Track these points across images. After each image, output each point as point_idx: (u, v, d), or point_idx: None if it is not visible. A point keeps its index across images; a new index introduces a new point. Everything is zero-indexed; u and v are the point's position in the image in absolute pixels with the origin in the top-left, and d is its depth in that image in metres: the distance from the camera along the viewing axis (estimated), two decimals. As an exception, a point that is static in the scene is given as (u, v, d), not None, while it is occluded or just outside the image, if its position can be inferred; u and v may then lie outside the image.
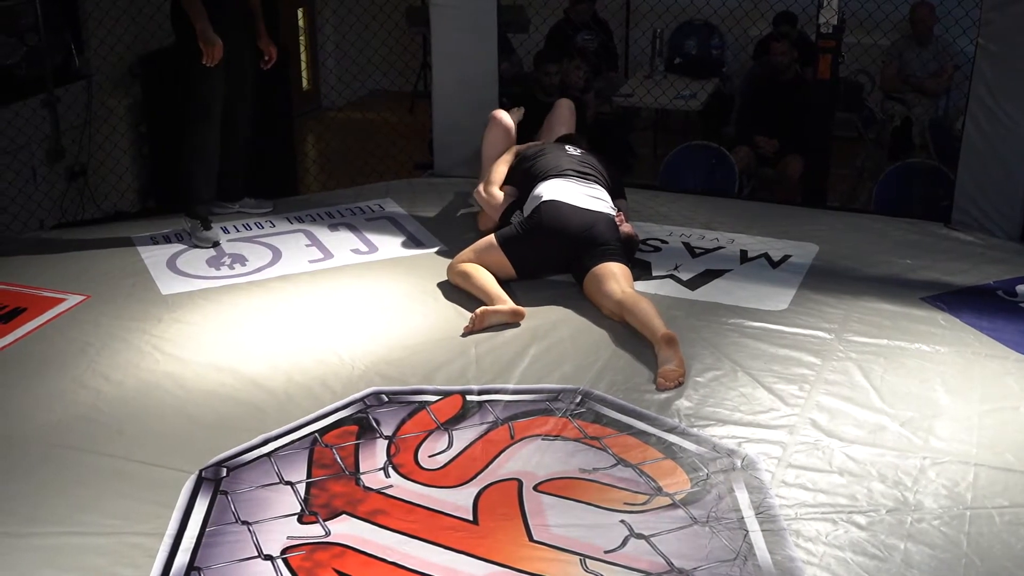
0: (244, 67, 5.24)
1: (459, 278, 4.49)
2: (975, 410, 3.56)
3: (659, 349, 3.85)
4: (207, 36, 4.91)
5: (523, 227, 4.56)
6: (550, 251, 4.50)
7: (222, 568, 2.84)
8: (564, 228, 4.45)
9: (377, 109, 8.23)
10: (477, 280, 4.40)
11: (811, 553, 2.86)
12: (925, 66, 7.36)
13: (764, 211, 5.55)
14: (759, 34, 7.99)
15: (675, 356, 3.80)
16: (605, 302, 4.24)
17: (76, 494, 3.17)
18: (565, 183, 4.62)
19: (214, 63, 4.95)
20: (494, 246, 4.52)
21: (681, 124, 8.36)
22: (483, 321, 4.15)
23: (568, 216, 4.47)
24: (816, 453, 3.31)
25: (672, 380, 3.72)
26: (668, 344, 3.83)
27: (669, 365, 3.77)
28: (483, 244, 4.56)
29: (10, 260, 4.96)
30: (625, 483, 3.17)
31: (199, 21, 4.90)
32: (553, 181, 4.63)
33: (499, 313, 4.19)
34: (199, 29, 4.90)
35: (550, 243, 4.48)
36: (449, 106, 5.89)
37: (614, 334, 4.11)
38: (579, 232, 4.43)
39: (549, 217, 4.48)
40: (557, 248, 4.47)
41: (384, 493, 3.15)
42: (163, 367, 3.94)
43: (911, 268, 4.72)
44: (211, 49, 4.92)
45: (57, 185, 6.34)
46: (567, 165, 4.74)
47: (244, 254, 4.98)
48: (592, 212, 4.50)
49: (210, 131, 5.15)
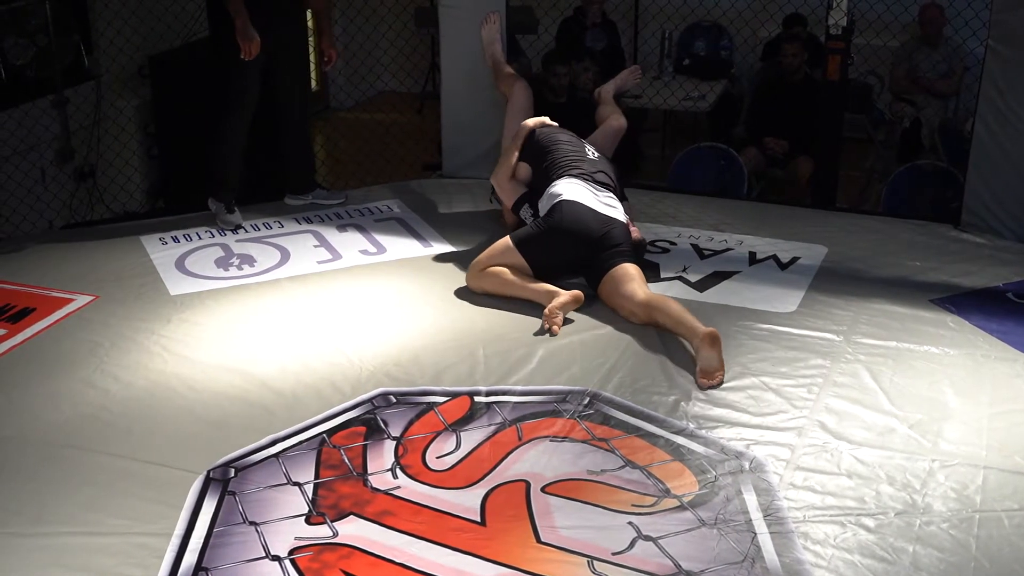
0: (292, 61, 5.35)
1: (487, 283, 4.45)
2: (984, 412, 3.55)
3: (700, 347, 3.82)
4: (246, 32, 4.99)
5: (540, 226, 4.54)
6: (567, 251, 4.48)
7: (230, 568, 2.84)
8: (583, 229, 4.43)
9: (386, 110, 8.23)
10: (511, 282, 4.38)
11: (819, 556, 2.85)
12: (935, 68, 7.34)
13: (773, 213, 5.54)
14: (768, 35, 7.97)
15: (718, 355, 3.79)
16: (625, 303, 4.22)
17: (84, 494, 3.18)
18: (583, 186, 4.60)
19: (251, 58, 5.03)
20: (511, 248, 4.49)
21: (690, 125, 8.36)
22: (556, 318, 4.14)
23: (586, 217, 4.46)
24: (824, 455, 3.30)
25: (715, 379, 3.73)
26: (711, 343, 3.81)
27: (712, 364, 3.76)
28: (499, 248, 4.52)
29: (19, 260, 4.97)
30: (633, 485, 3.17)
31: (239, 16, 4.98)
32: (571, 180, 4.60)
33: (566, 304, 4.20)
34: (238, 25, 4.98)
35: (568, 243, 4.45)
36: (458, 107, 5.89)
37: (622, 336, 4.10)
38: (597, 233, 4.42)
39: (568, 217, 4.46)
40: (574, 248, 4.45)
41: (392, 494, 3.15)
42: (171, 367, 3.95)
43: (920, 270, 4.71)
44: (248, 45, 5.00)
45: (66, 186, 6.35)
46: (588, 168, 4.70)
47: (253, 255, 4.99)
48: (608, 216, 4.50)
49: (240, 121, 5.25)
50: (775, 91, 6.86)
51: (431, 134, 5.80)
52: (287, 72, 5.36)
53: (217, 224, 5.26)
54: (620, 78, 5.70)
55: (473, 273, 4.51)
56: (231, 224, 5.24)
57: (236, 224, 5.25)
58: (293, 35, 5.37)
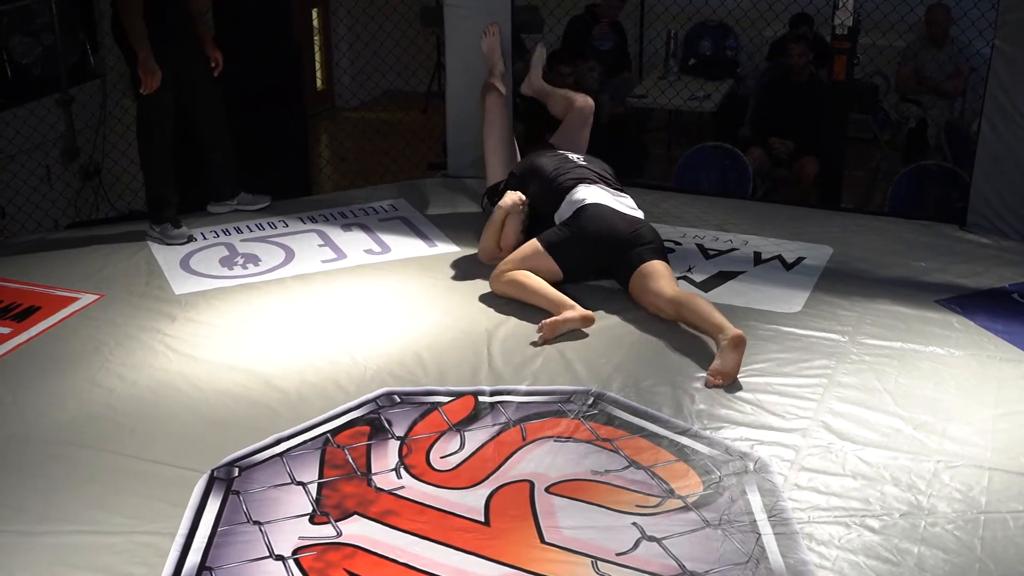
0: (199, 73, 5.19)
1: (510, 288, 4.38)
2: (989, 413, 3.54)
3: (725, 348, 3.78)
4: (148, 66, 4.86)
5: (570, 230, 4.46)
6: (598, 253, 4.43)
7: (233, 568, 2.85)
8: (612, 230, 4.41)
9: (391, 109, 8.25)
10: (534, 288, 4.31)
11: (824, 557, 2.85)
12: (941, 68, 7.34)
13: (778, 213, 5.53)
14: (774, 35, 7.97)
15: (739, 359, 3.76)
16: (654, 299, 4.20)
17: (88, 492, 3.19)
18: (601, 189, 4.58)
19: (151, 91, 4.92)
20: (540, 251, 4.42)
21: (695, 125, 8.36)
22: (554, 331, 4.07)
23: (613, 218, 4.44)
24: (829, 456, 3.30)
25: (725, 380, 3.71)
26: (736, 346, 3.77)
27: (729, 367, 3.74)
28: (528, 251, 4.45)
29: (25, 259, 4.97)
30: (637, 485, 3.17)
31: (141, 49, 4.84)
32: (588, 186, 4.57)
33: (569, 321, 4.12)
34: (140, 59, 4.85)
35: (598, 245, 4.42)
36: (463, 106, 5.89)
37: (627, 336, 4.10)
38: (626, 233, 4.40)
39: (596, 219, 4.43)
40: (604, 250, 4.41)
41: (395, 494, 3.15)
42: (176, 366, 3.95)
43: (925, 271, 4.70)
44: (149, 79, 4.89)
45: (71, 184, 6.36)
46: (587, 174, 4.68)
47: (257, 254, 4.99)
48: (633, 216, 4.50)
49: (163, 140, 5.11)
50: (781, 91, 6.86)
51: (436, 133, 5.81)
52: (198, 85, 5.21)
53: (167, 243, 5.07)
54: (534, 64, 5.56)
55: (498, 276, 4.43)
56: (182, 238, 5.09)
57: (187, 236, 5.11)
58: (193, 50, 5.20)
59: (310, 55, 9.45)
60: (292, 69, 6.60)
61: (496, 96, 5.34)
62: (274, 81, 6.29)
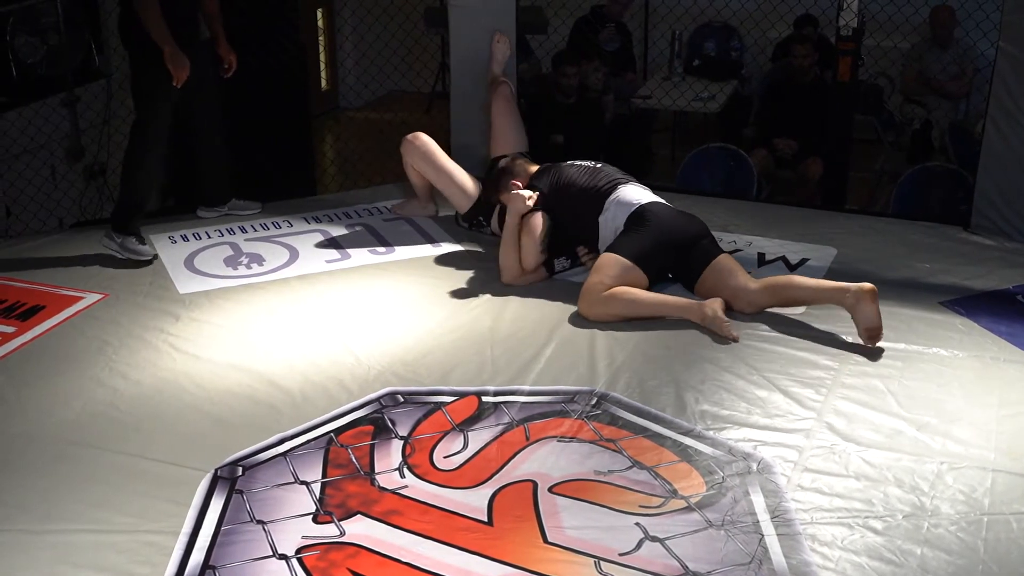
0: (201, 75, 5.03)
1: (616, 307, 4.15)
2: (993, 415, 3.54)
3: (858, 304, 3.91)
4: (176, 59, 4.75)
5: (641, 234, 4.31)
6: (669, 252, 4.35)
7: (237, 567, 2.85)
8: (682, 228, 4.37)
9: (395, 109, 8.24)
10: (651, 300, 4.19)
11: (827, 558, 2.85)
12: (945, 69, 7.33)
13: (782, 214, 5.53)
14: (778, 36, 7.97)
15: (877, 309, 3.91)
16: (740, 295, 4.18)
17: (92, 491, 3.19)
18: (636, 187, 4.54)
19: (181, 84, 4.81)
20: (631, 266, 4.22)
21: (699, 126, 8.35)
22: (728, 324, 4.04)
23: (675, 215, 4.42)
24: (832, 457, 3.30)
25: (880, 333, 3.90)
26: (872, 298, 3.90)
27: (874, 320, 3.90)
28: (615, 268, 4.21)
29: (29, 258, 4.98)
30: (640, 486, 3.17)
31: (167, 44, 4.72)
32: (628, 186, 4.53)
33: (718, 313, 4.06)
34: (167, 52, 4.72)
35: (672, 244, 4.35)
36: (467, 107, 5.89)
37: (630, 336, 4.10)
38: (694, 228, 4.38)
39: (665, 219, 4.37)
40: (676, 248, 4.35)
41: (399, 493, 3.15)
42: (180, 366, 3.95)
43: (929, 272, 4.70)
44: (180, 72, 4.77)
45: (76, 184, 6.36)
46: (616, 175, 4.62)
47: (261, 253, 5.00)
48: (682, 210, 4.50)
49: (155, 149, 5.00)
50: (785, 92, 6.86)
51: (440, 134, 5.80)
52: (198, 92, 5.08)
53: (126, 256, 4.84)
54: (495, 56, 5.59)
55: (594, 299, 4.18)
56: (146, 255, 4.87)
57: (151, 255, 4.90)
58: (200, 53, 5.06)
59: (314, 55, 9.45)
60: (297, 69, 6.61)
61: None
62: (279, 81, 6.30)
